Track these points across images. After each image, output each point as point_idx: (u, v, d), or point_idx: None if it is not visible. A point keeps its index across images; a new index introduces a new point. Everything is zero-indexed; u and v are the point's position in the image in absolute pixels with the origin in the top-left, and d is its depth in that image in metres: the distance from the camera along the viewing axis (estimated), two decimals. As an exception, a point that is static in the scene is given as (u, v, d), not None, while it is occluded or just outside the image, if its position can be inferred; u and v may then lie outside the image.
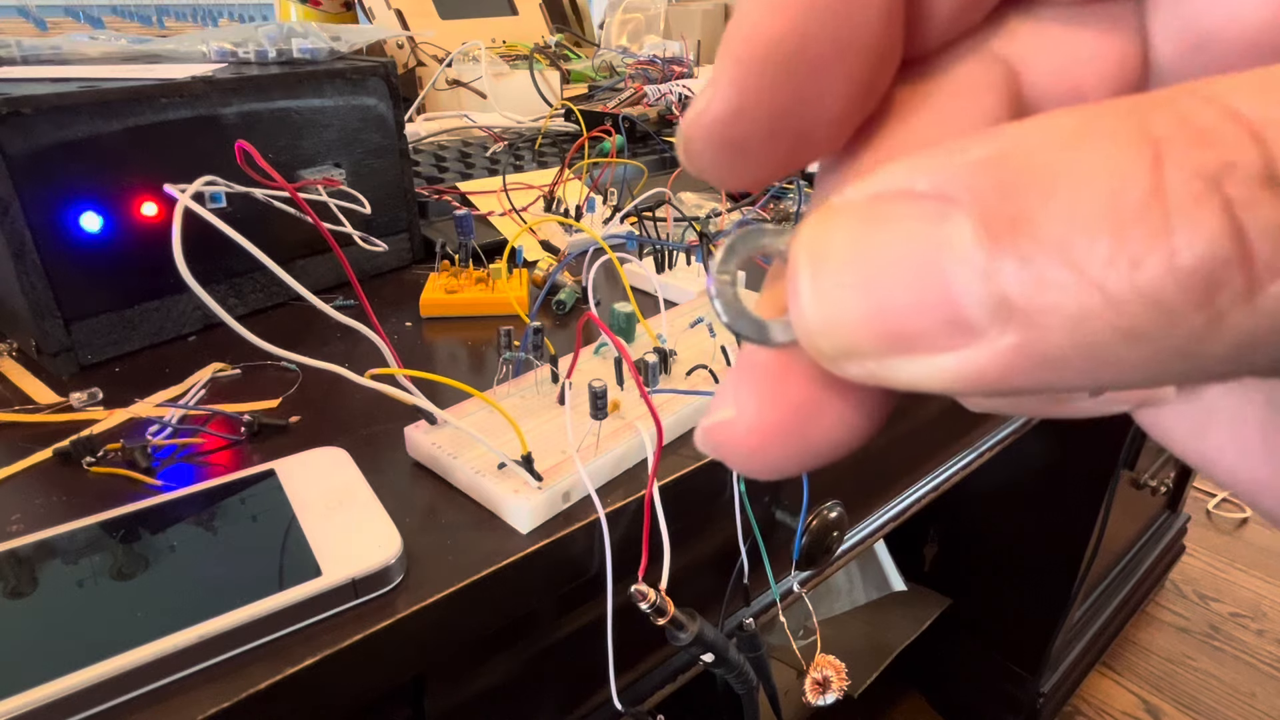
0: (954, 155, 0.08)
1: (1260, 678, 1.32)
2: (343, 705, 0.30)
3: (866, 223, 0.09)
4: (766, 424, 0.10)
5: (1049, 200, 0.07)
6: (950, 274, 0.08)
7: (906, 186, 0.08)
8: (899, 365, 0.09)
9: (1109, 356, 0.07)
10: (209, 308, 0.29)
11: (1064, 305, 0.07)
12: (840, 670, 0.45)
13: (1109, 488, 0.99)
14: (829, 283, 0.09)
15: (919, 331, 0.08)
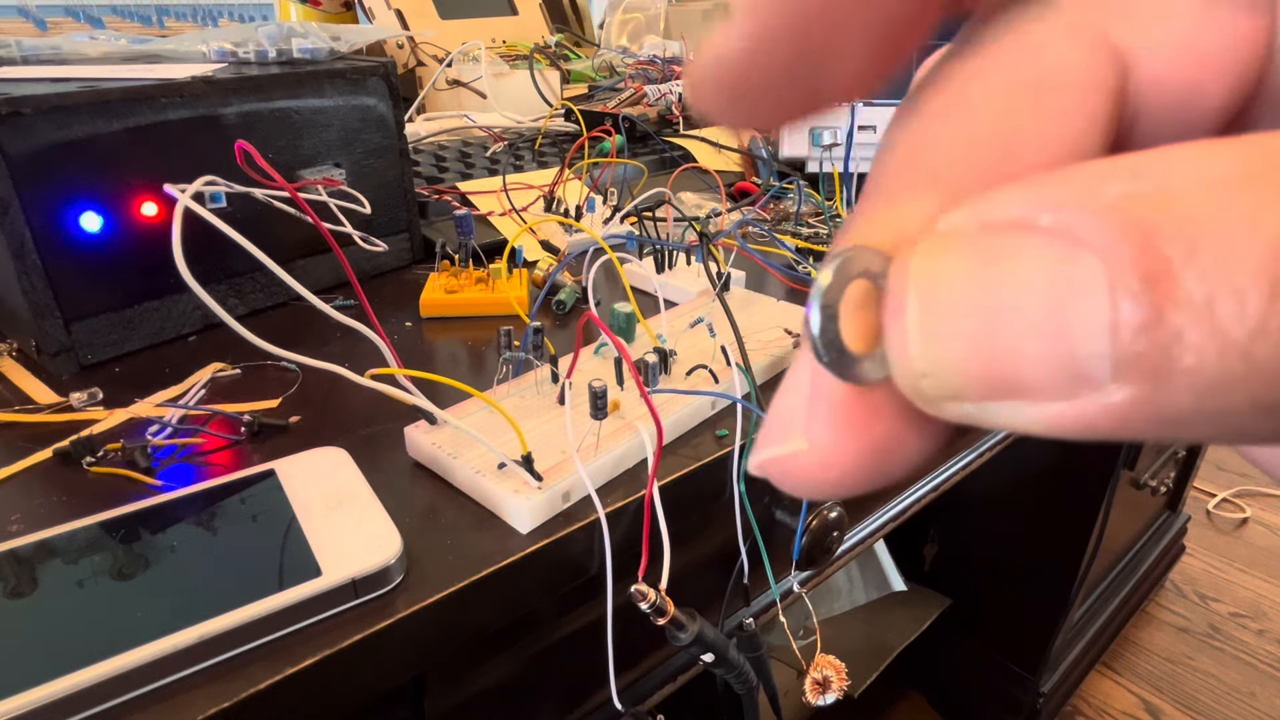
0: (1085, 190, 0.07)
1: (1260, 678, 1.32)
2: (343, 705, 0.30)
3: (983, 259, 0.08)
4: (845, 458, 0.09)
5: (1195, 254, 0.07)
6: (1076, 324, 0.07)
7: (1027, 219, 0.08)
8: (1002, 409, 0.08)
9: (1237, 423, 0.07)
10: (209, 308, 0.29)
11: (1200, 370, 0.07)
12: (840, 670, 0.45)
13: (1109, 488, 0.99)
14: (941, 324, 0.08)
15: (1033, 381, 0.08)
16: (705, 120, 0.10)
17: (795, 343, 0.47)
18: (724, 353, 0.43)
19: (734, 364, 0.42)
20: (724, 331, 0.45)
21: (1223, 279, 0.07)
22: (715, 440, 0.41)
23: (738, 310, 0.48)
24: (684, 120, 0.93)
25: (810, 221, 0.70)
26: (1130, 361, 0.07)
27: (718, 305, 0.47)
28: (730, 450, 0.40)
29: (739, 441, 0.40)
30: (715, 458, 0.40)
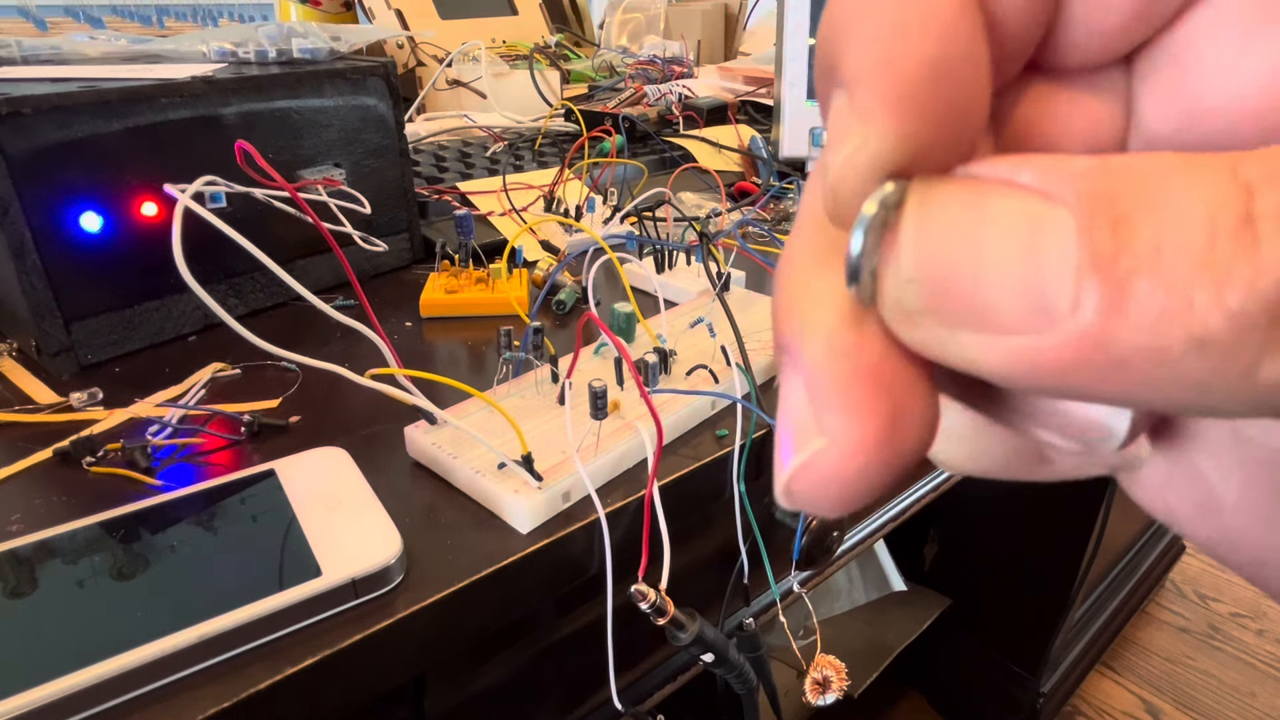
0: (1060, 162, 0.09)
1: (1260, 678, 1.32)
2: (343, 705, 0.30)
3: (976, 194, 0.09)
4: (866, 438, 0.09)
5: (1152, 211, 0.08)
6: (1044, 262, 0.08)
7: (1010, 177, 0.09)
8: (966, 339, 0.09)
9: (1173, 365, 0.08)
10: (209, 308, 0.29)
11: (1148, 307, 0.08)
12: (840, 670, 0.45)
13: (1109, 488, 0.99)
14: (934, 237, 0.09)
15: (1001, 306, 0.09)
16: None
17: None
18: (724, 353, 0.43)
19: (734, 364, 0.42)
20: (724, 331, 0.45)
21: (1173, 231, 0.08)
22: (715, 440, 0.41)
23: (738, 310, 0.48)
24: (684, 120, 0.93)
25: (810, 221, 0.70)
26: (1089, 295, 0.08)
27: (718, 305, 0.47)
28: (730, 450, 0.40)
29: (739, 441, 0.40)
30: (715, 458, 0.40)
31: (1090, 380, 0.08)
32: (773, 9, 1.05)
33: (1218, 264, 0.08)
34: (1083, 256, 0.08)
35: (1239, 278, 0.08)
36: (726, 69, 1.15)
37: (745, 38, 1.42)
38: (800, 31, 0.79)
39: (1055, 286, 0.08)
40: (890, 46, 0.09)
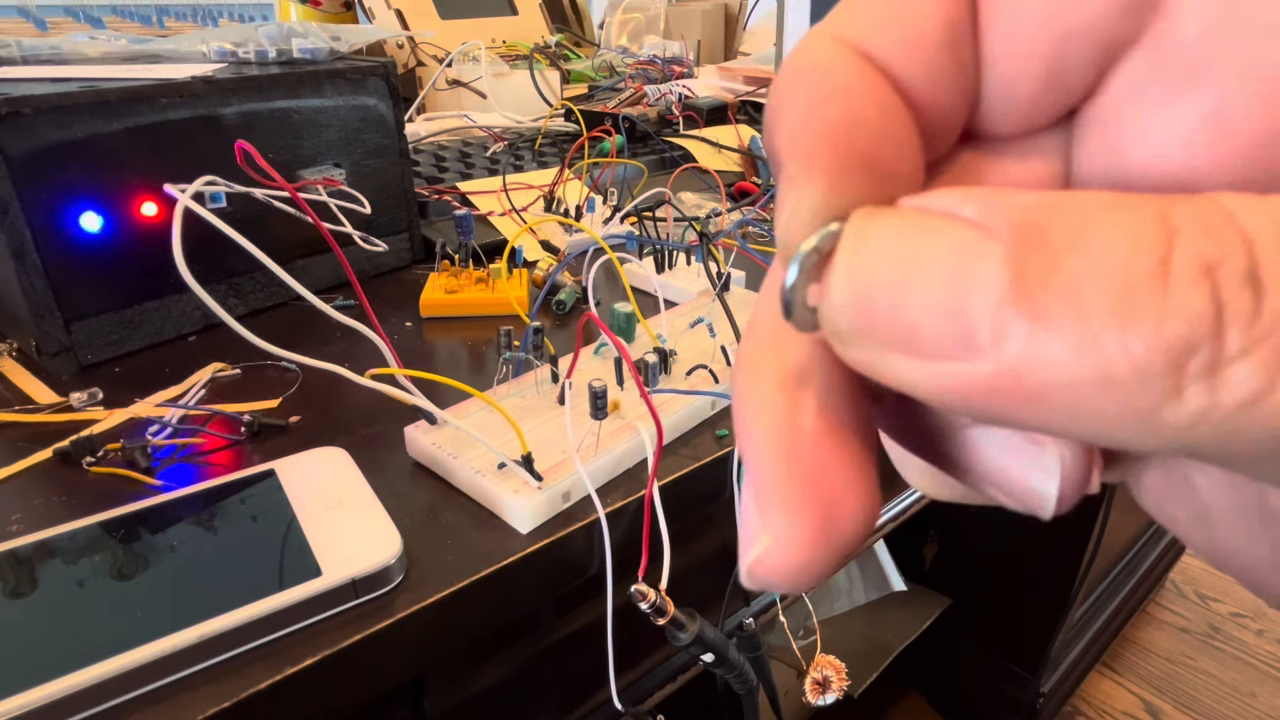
0: (1000, 195, 0.09)
1: (1260, 678, 1.32)
2: (343, 705, 0.30)
3: (911, 225, 0.09)
4: (803, 534, 0.10)
5: (1074, 248, 0.08)
6: (972, 291, 0.09)
7: (952, 209, 0.09)
8: (897, 362, 0.09)
9: (1083, 402, 0.08)
10: (209, 308, 0.29)
11: (1062, 344, 0.08)
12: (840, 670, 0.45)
13: (1109, 488, 0.99)
14: (866, 263, 0.10)
15: (928, 334, 0.09)
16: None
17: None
18: (724, 353, 0.43)
19: (734, 364, 0.42)
20: (724, 331, 0.45)
21: (1091, 271, 0.08)
22: (715, 440, 0.41)
23: (738, 310, 0.48)
24: (684, 120, 0.93)
25: (810, 221, 0.70)
26: (1011, 329, 0.08)
27: (718, 305, 0.47)
28: (730, 450, 0.40)
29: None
30: (715, 458, 0.40)
31: (1011, 409, 0.09)
32: (773, 9, 1.05)
33: (1128, 308, 0.08)
34: (1007, 290, 0.08)
35: (1145, 323, 0.08)
36: (726, 69, 1.15)
37: (745, 38, 1.42)
38: (800, 31, 0.79)
39: (979, 318, 0.09)
40: (806, 117, 0.11)
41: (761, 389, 0.11)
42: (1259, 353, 0.08)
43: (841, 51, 0.11)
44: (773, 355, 0.11)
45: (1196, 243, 0.08)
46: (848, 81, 0.11)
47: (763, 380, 0.11)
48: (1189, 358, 0.08)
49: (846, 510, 0.11)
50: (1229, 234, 0.08)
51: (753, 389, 0.11)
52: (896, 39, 0.11)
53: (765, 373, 0.11)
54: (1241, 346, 0.08)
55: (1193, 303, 0.08)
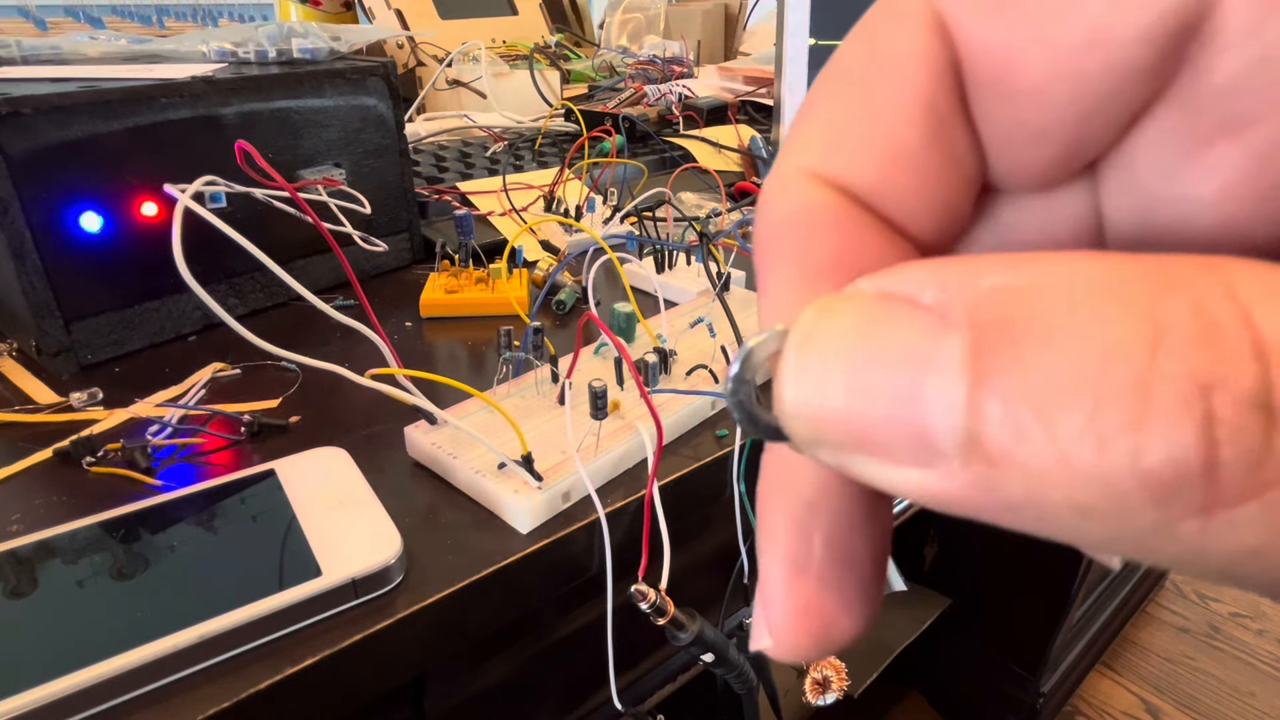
0: (969, 276, 0.08)
1: (1260, 678, 1.32)
2: (343, 705, 0.30)
3: (864, 320, 0.09)
4: (800, 642, 0.12)
5: (1041, 353, 0.07)
6: (928, 396, 0.08)
7: (914, 295, 0.08)
8: (863, 464, 0.09)
9: (1060, 522, 0.07)
10: (209, 308, 0.29)
11: (1028, 462, 0.07)
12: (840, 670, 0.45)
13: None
14: (811, 369, 0.09)
15: (887, 442, 0.08)
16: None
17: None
18: (724, 353, 0.43)
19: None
20: (724, 331, 0.45)
21: (1058, 382, 0.07)
22: (715, 440, 0.41)
23: (738, 310, 0.48)
24: (684, 120, 0.93)
25: (810, 221, 0.70)
26: (973, 440, 0.07)
27: (718, 305, 0.47)
28: (730, 450, 0.40)
29: (739, 441, 0.40)
30: (715, 458, 0.40)
31: (989, 516, 0.08)
32: (773, 9, 1.05)
33: (1101, 432, 0.07)
34: (966, 399, 0.07)
35: (1120, 452, 0.07)
36: (726, 69, 1.15)
37: (745, 38, 1.42)
38: (800, 31, 0.79)
39: (938, 428, 0.08)
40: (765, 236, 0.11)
41: (777, 510, 0.12)
42: (1268, 497, 0.06)
43: (806, 187, 0.11)
44: (786, 480, 0.12)
45: (1190, 354, 0.07)
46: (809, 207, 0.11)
47: (777, 507, 0.12)
48: (1176, 494, 0.07)
49: (840, 627, 0.11)
50: (1234, 340, 0.07)
51: (767, 514, 0.12)
52: (867, 163, 0.11)
53: (779, 499, 0.12)
54: (1242, 489, 0.06)
55: (1179, 433, 0.07)
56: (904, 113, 0.10)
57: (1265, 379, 0.06)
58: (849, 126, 0.11)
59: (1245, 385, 0.06)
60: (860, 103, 0.11)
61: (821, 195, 0.11)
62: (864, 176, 0.11)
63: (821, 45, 0.80)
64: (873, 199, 0.11)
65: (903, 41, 0.10)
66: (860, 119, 0.11)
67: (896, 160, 0.10)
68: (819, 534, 0.11)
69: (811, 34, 0.80)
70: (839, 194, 0.11)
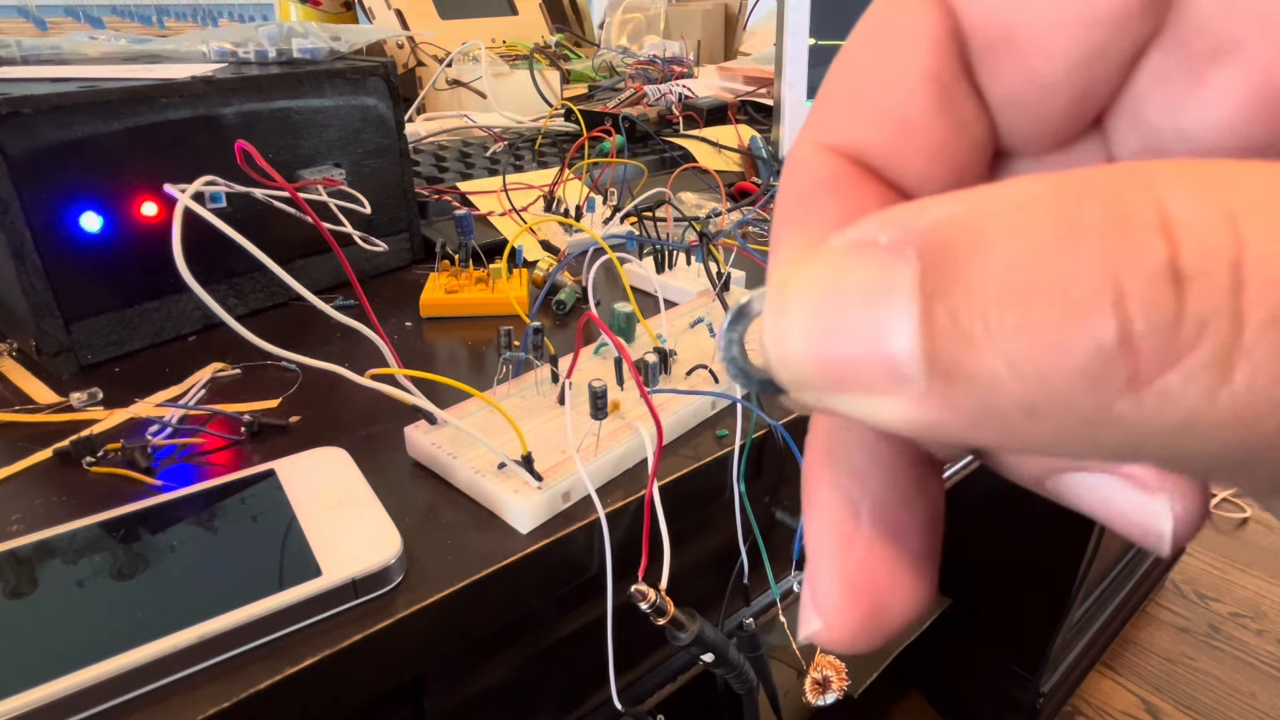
0: (919, 211, 0.09)
1: (1260, 678, 1.32)
2: (343, 705, 0.30)
3: (828, 268, 0.09)
4: (851, 623, 0.11)
5: (976, 266, 0.08)
6: (889, 325, 0.08)
7: (872, 238, 0.09)
8: (843, 400, 0.09)
9: (1013, 426, 0.08)
10: (209, 308, 0.29)
11: (978, 370, 0.08)
12: (840, 670, 0.45)
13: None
14: (786, 318, 0.09)
15: (858, 374, 0.09)
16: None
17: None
18: (724, 353, 0.43)
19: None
20: (724, 331, 0.45)
21: (995, 289, 0.08)
22: (715, 440, 0.41)
23: (738, 310, 0.48)
24: (684, 120, 0.93)
25: (810, 221, 0.70)
26: (931, 359, 0.08)
27: (718, 305, 0.47)
28: (730, 450, 0.40)
29: (739, 441, 0.40)
30: (715, 458, 0.40)
31: (966, 436, 0.08)
32: (773, 9, 1.05)
33: (1029, 329, 0.07)
34: (921, 319, 0.08)
35: (1046, 345, 0.07)
36: (726, 69, 1.15)
37: (745, 38, 1.42)
38: (800, 31, 0.79)
39: (901, 354, 0.08)
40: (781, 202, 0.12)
41: (823, 487, 0.12)
42: (1188, 362, 0.07)
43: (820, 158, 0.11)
44: (831, 454, 0.12)
45: (1102, 244, 0.07)
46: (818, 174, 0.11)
47: (822, 481, 0.12)
48: (1104, 377, 0.07)
49: (894, 604, 0.11)
50: (1143, 225, 0.07)
51: (815, 486, 0.12)
52: (877, 134, 0.11)
53: (824, 474, 0.12)
54: (1163, 358, 0.07)
55: (1096, 316, 0.07)
56: (910, 85, 0.11)
57: (1171, 253, 0.07)
58: (859, 101, 0.11)
59: (1152, 261, 0.07)
60: (869, 79, 0.11)
61: (833, 164, 0.11)
62: (874, 145, 0.11)
63: (821, 45, 0.80)
64: (883, 166, 0.11)
65: (908, 20, 0.11)
66: (869, 94, 0.11)
67: (904, 129, 0.11)
68: (866, 507, 0.11)
69: (811, 34, 0.80)
70: (851, 163, 0.11)
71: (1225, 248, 0.07)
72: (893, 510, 0.11)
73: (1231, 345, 0.07)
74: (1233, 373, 0.07)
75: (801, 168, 0.12)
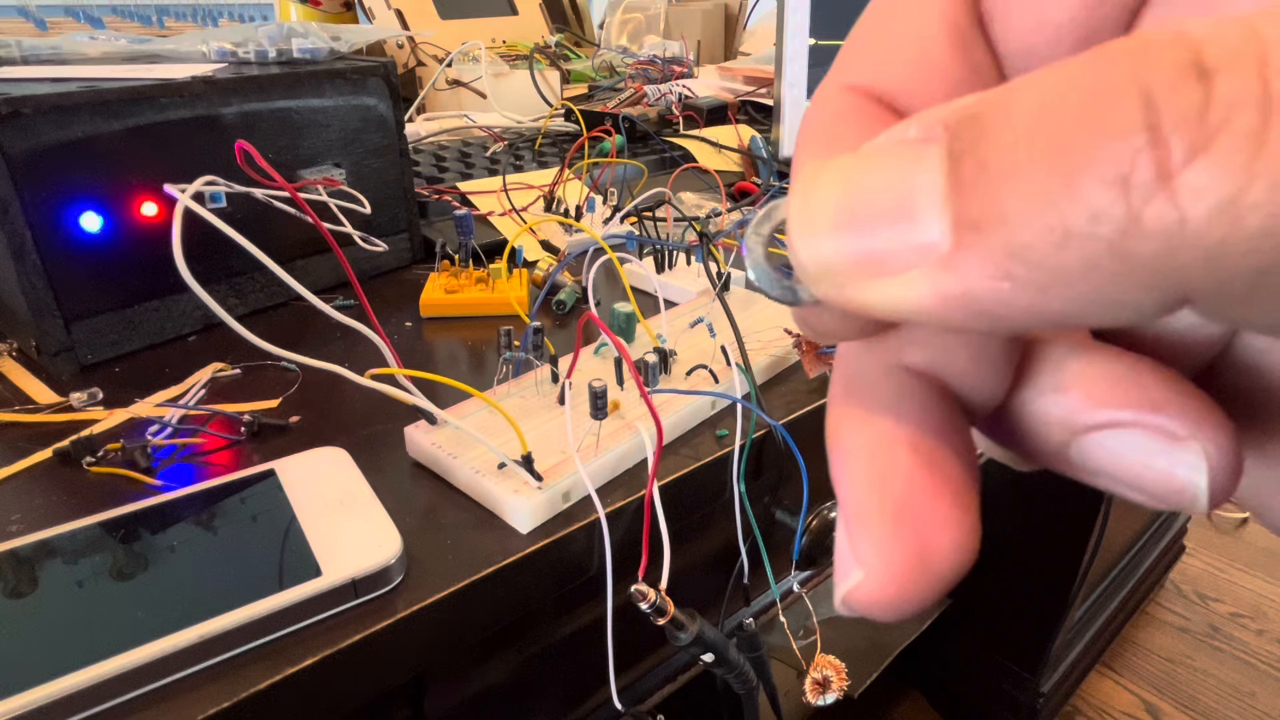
0: (948, 106, 0.09)
1: (1260, 678, 1.32)
2: (343, 705, 0.30)
3: (858, 160, 0.09)
4: (897, 567, 0.10)
5: (1008, 119, 0.08)
6: (918, 197, 0.08)
7: (902, 135, 0.09)
8: (868, 288, 0.09)
9: (1042, 272, 0.08)
10: (209, 308, 0.29)
11: (1007, 207, 0.08)
12: (840, 670, 0.45)
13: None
14: (814, 197, 0.10)
15: (889, 252, 0.09)
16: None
17: (795, 343, 0.47)
18: (724, 353, 0.43)
19: (734, 364, 0.42)
20: (724, 331, 0.45)
21: (1025, 128, 0.08)
22: (715, 440, 0.41)
23: (738, 310, 0.48)
24: (684, 120, 0.93)
25: (810, 221, 0.70)
26: (960, 213, 0.08)
27: (718, 305, 0.47)
28: (730, 450, 0.40)
29: (739, 441, 0.40)
30: (715, 458, 0.40)
31: (995, 297, 0.08)
32: (773, 9, 1.05)
33: (1062, 146, 0.07)
34: (948, 182, 0.08)
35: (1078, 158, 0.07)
36: (726, 69, 1.15)
37: (745, 38, 1.42)
38: (800, 31, 0.79)
39: (929, 218, 0.08)
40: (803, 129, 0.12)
41: (854, 426, 0.11)
42: (1218, 144, 0.07)
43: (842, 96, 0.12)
44: (858, 394, 0.12)
45: (1130, 59, 0.07)
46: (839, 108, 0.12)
47: (855, 417, 0.11)
48: (1134, 177, 0.07)
49: (942, 544, 0.10)
50: (1167, 40, 0.07)
51: (845, 426, 0.11)
52: (899, 74, 0.12)
53: (853, 412, 0.11)
54: (1191, 144, 0.07)
55: (1120, 117, 0.07)
56: (931, 31, 0.12)
57: (1196, 54, 0.07)
58: (883, 46, 0.12)
59: (1176, 60, 0.07)
60: (892, 26, 0.12)
61: (857, 101, 0.12)
62: (896, 85, 0.12)
63: (821, 45, 0.80)
64: (906, 106, 0.12)
65: None
66: (892, 39, 0.12)
67: (923, 69, 0.12)
68: (903, 438, 0.11)
69: (811, 34, 0.80)
70: (873, 100, 0.12)
71: (1248, 44, 0.07)
72: (929, 443, 0.11)
73: (1261, 122, 0.07)
74: (1265, 147, 0.07)
75: (826, 103, 0.12)
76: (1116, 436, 0.10)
